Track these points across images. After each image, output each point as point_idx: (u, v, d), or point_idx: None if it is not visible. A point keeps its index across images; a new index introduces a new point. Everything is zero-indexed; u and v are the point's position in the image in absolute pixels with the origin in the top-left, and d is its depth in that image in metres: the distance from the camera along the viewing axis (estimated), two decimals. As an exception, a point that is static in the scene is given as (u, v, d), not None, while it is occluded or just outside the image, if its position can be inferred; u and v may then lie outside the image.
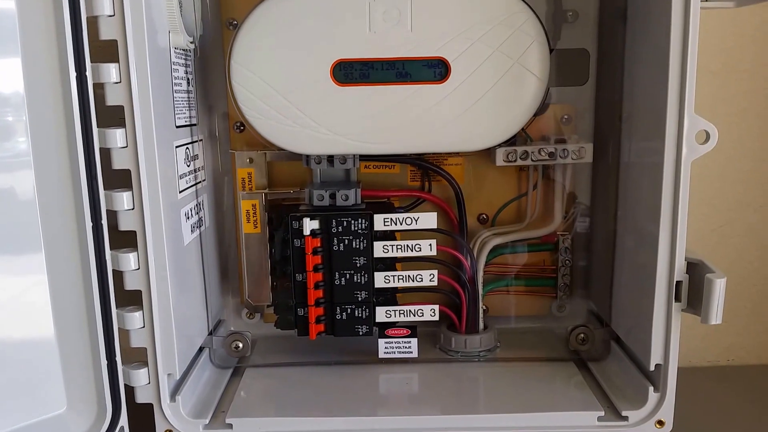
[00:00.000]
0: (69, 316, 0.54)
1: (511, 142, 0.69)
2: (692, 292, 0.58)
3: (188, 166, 0.64)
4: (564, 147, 0.71)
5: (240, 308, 0.78)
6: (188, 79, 0.65)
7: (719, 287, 0.55)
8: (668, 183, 0.56)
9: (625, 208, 0.66)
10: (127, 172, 0.55)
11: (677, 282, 0.58)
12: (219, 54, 0.71)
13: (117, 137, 0.54)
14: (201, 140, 0.70)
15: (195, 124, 0.66)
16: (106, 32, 0.53)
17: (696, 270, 0.57)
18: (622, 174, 0.67)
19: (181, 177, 0.62)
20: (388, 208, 0.72)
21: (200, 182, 0.68)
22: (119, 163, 0.55)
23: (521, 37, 0.63)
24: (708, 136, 0.55)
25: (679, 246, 0.57)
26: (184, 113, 0.63)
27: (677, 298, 0.58)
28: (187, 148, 0.64)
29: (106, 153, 0.54)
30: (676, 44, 0.54)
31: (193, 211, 0.65)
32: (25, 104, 0.49)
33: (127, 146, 0.54)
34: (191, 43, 0.64)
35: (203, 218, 0.68)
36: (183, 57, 0.63)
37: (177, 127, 0.61)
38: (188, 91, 0.65)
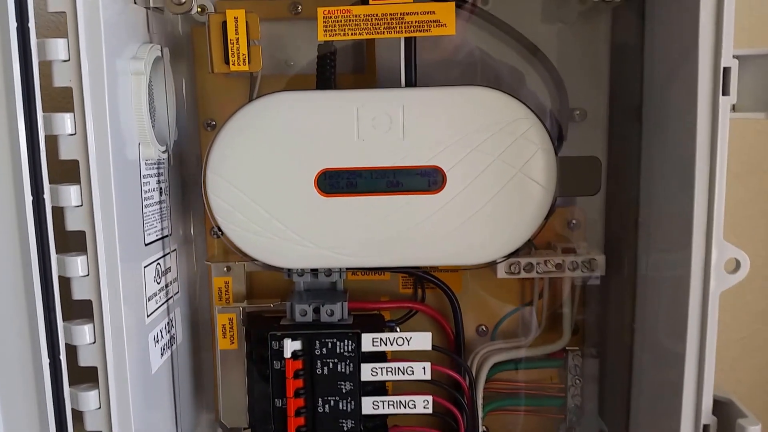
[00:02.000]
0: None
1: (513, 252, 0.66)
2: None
3: (159, 282, 0.62)
4: (573, 259, 0.68)
5: (215, 425, 0.75)
6: (161, 188, 0.63)
7: (754, 437, 0.52)
8: (694, 314, 0.54)
9: (643, 324, 0.64)
10: (88, 303, 0.52)
11: (704, 425, 0.55)
12: (195, 156, 0.70)
13: (78, 266, 0.51)
14: (175, 250, 0.67)
15: (167, 235, 0.64)
16: (67, 152, 0.51)
17: (725, 411, 0.54)
18: (639, 286, 0.66)
19: (150, 298, 0.60)
20: (377, 321, 0.70)
21: (173, 296, 0.66)
22: (80, 292, 0.52)
23: (524, 144, 0.61)
24: (738, 265, 0.53)
25: (707, 387, 0.54)
26: (155, 227, 0.62)
27: (705, 446, 0.55)
28: (158, 264, 0.62)
29: (65, 282, 0.52)
30: (703, 163, 0.52)
31: (163, 331, 0.63)
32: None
33: (88, 275, 0.52)
34: (164, 152, 0.62)
35: (175, 336, 0.66)
36: (155, 167, 0.62)
37: (146, 244, 0.59)
38: (161, 202, 0.63)
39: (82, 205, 0.51)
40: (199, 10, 0.66)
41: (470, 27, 0.69)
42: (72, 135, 0.50)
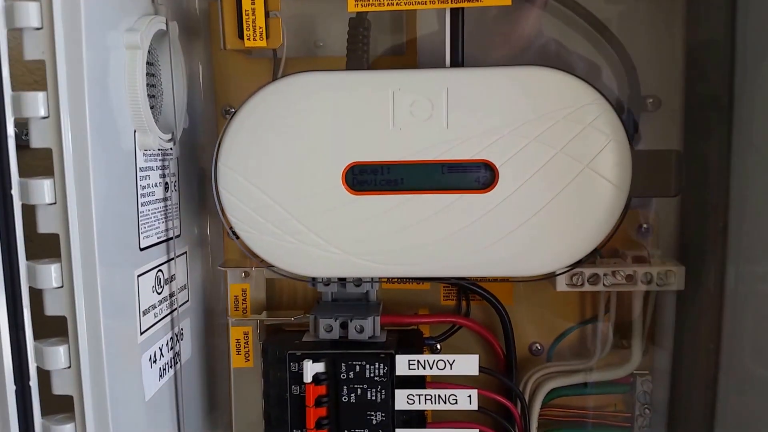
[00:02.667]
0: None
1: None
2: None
3: (159, 293, 0.54)
4: (646, 270, 0.59)
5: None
6: (166, 183, 0.55)
7: None
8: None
9: (731, 346, 0.56)
10: (62, 319, 0.44)
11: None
12: (212, 147, 0.61)
13: (51, 275, 0.43)
14: (184, 253, 0.59)
15: (172, 238, 0.56)
16: (39, 138, 0.42)
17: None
18: (727, 302, 0.57)
19: (146, 312, 0.51)
20: (415, 338, 0.61)
21: (179, 306, 0.57)
22: (53, 307, 0.44)
23: (593, 135, 0.52)
24: None
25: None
26: (157, 228, 0.53)
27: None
28: (159, 271, 0.54)
29: (37, 295, 0.44)
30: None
31: (164, 349, 0.55)
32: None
33: (62, 286, 0.43)
34: (168, 140, 0.53)
35: (180, 352, 0.57)
36: (158, 159, 0.53)
37: (143, 249, 0.51)
38: (165, 199, 0.55)
39: (56, 203, 0.42)
40: (217, -21, 0.58)
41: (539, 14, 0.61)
42: (45, 118, 0.42)
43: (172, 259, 0.57)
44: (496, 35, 0.61)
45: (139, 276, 0.51)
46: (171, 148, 0.56)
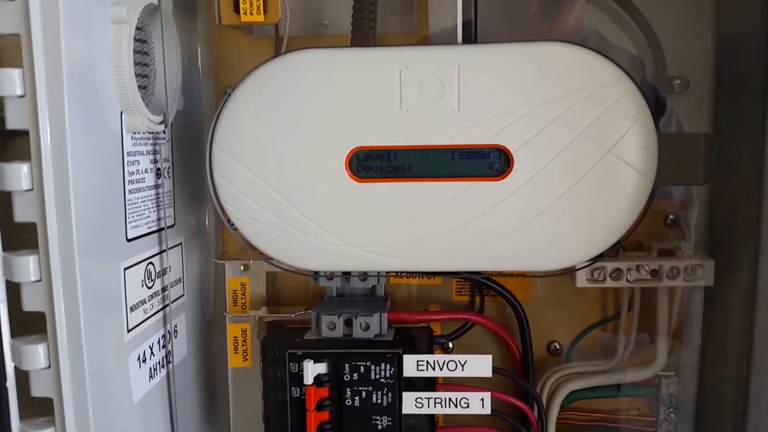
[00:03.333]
0: None
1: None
2: None
3: (149, 287, 0.51)
4: (672, 264, 0.55)
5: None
6: (158, 169, 0.52)
7: None
8: None
9: (765, 346, 0.53)
10: (41, 315, 0.41)
11: None
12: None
13: (29, 267, 0.40)
14: (179, 244, 0.56)
15: (164, 228, 0.53)
16: (14, 119, 0.39)
17: None
18: (760, 299, 0.54)
19: (133, 308, 0.48)
20: (425, 337, 0.58)
21: (173, 302, 0.54)
22: (31, 302, 0.41)
23: (617, 116, 0.48)
24: None
25: None
26: (147, 217, 0.50)
27: None
28: (150, 263, 0.51)
29: (15, 289, 0.41)
30: None
31: (155, 348, 0.52)
32: None
33: (41, 279, 0.40)
34: (160, 123, 0.50)
35: (172, 351, 0.54)
36: (148, 143, 0.50)
37: (130, 240, 0.47)
38: (157, 186, 0.52)
39: (32, 190, 0.39)
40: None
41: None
42: (21, 97, 0.39)
43: (165, 250, 0.54)
44: (534, 31, 0.59)
45: (126, 269, 0.48)
46: (163, 131, 0.53)
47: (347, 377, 0.53)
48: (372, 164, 0.50)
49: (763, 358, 0.54)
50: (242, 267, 0.60)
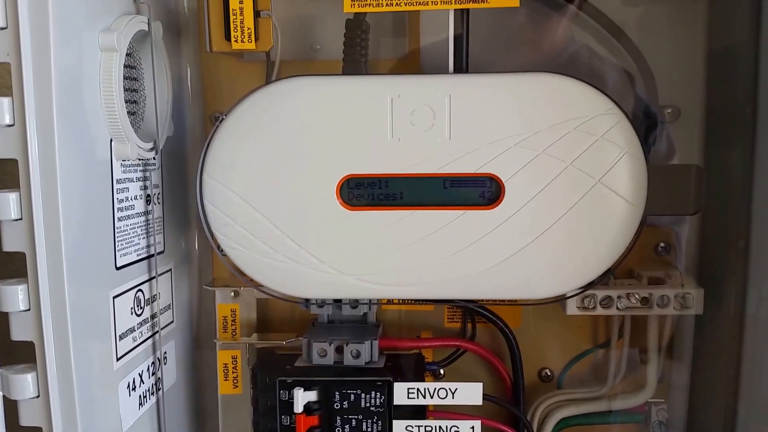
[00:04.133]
0: None
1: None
2: None
3: (139, 315, 0.50)
4: (663, 293, 0.56)
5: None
6: (147, 196, 0.52)
7: None
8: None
9: (751, 375, 0.53)
10: (30, 344, 0.41)
11: None
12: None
13: (18, 297, 0.41)
14: (169, 270, 0.56)
15: (154, 254, 0.53)
16: (4, 148, 0.40)
17: None
18: (748, 328, 0.54)
19: (122, 336, 0.48)
20: (416, 364, 0.58)
21: (162, 329, 0.54)
22: (19, 331, 0.42)
23: (606, 147, 0.49)
24: None
25: None
26: (136, 244, 0.50)
27: None
28: (139, 291, 0.51)
29: (3, 318, 0.42)
30: None
31: (144, 375, 0.51)
32: None
33: (29, 309, 0.40)
34: (150, 150, 0.50)
35: (163, 378, 0.54)
36: (138, 170, 0.50)
37: (119, 267, 0.47)
38: (146, 213, 0.52)
39: (21, 219, 0.39)
40: (206, -24, 0.55)
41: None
42: (10, 126, 0.39)
43: (154, 277, 0.54)
44: (522, 43, 0.59)
45: (114, 297, 0.48)
46: (153, 158, 0.53)
47: (337, 405, 0.53)
48: (363, 192, 0.50)
49: (750, 386, 0.54)
50: (232, 293, 0.60)
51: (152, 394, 0.54)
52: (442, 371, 0.61)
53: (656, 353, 0.60)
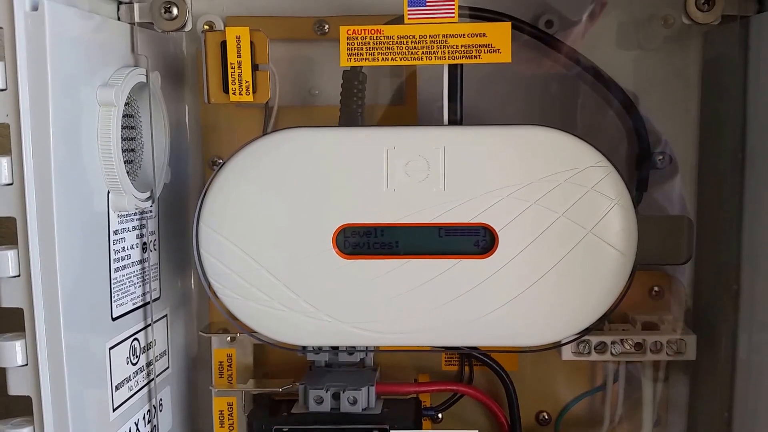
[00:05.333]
0: None
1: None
2: None
3: (134, 363, 0.51)
4: (656, 339, 0.57)
5: None
6: (143, 244, 0.52)
7: None
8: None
9: (743, 419, 0.54)
10: (27, 399, 0.42)
11: None
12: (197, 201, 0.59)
13: (16, 352, 0.41)
14: (165, 316, 0.56)
15: (150, 302, 0.53)
16: (1, 207, 0.40)
17: None
18: (739, 372, 0.55)
19: (118, 387, 0.49)
20: (413, 409, 0.58)
21: (158, 375, 0.54)
22: (17, 387, 0.42)
23: (597, 199, 0.49)
24: None
25: None
26: (132, 293, 0.51)
27: None
28: (135, 340, 0.51)
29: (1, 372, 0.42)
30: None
31: (140, 424, 0.52)
32: None
33: (27, 364, 0.41)
34: (146, 199, 0.51)
35: (158, 425, 0.55)
36: (135, 219, 0.51)
37: (115, 318, 0.48)
38: (143, 261, 0.52)
39: (19, 276, 0.40)
40: (207, 27, 0.56)
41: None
42: (8, 185, 0.39)
43: (150, 324, 0.54)
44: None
45: (111, 348, 0.48)
46: (150, 206, 0.54)
47: (334, 455, 0.53)
48: (359, 241, 0.51)
49: (743, 430, 0.54)
50: (229, 338, 0.60)
51: (147, 442, 0.54)
52: (440, 416, 0.61)
53: (651, 397, 0.60)
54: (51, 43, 0.40)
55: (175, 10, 0.52)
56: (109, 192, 0.48)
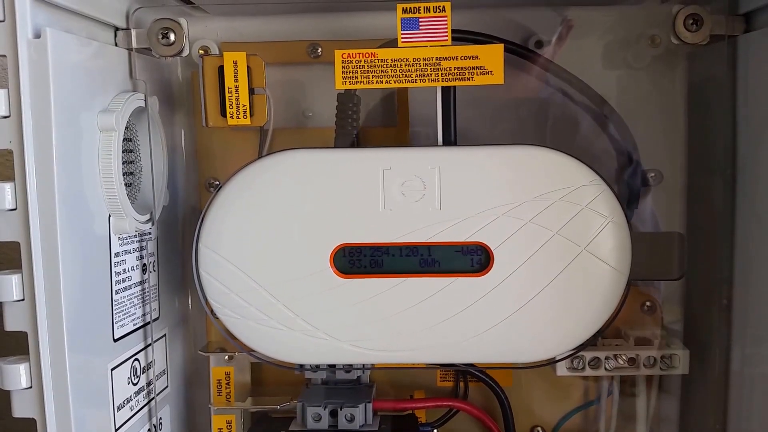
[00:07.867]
0: None
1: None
2: None
3: (135, 383, 0.51)
4: (649, 354, 0.57)
5: None
6: (143, 265, 0.53)
7: None
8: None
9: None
10: (32, 421, 0.42)
11: None
12: (194, 221, 0.59)
13: (21, 375, 0.41)
14: (164, 335, 0.57)
15: (149, 322, 0.54)
16: (6, 232, 0.41)
17: None
18: (732, 386, 0.55)
19: (119, 407, 0.49)
20: (409, 425, 0.58)
21: (157, 395, 0.55)
22: (21, 409, 0.43)
23: (591, 217, 0.50)
24: None
25: None
26: (133, 314, 0.51)
27: None
28: (135, 360, 0.51)
29: (4, 395, 0.42)
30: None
31: (140, 444, 0.52)
32: None
33: (31, 387, 0.41)
34: (146, 221, 0.51)
35: (159, 444, 0.55)
36: (135, 241, 0.51)
37: (117, 339, 0.48)
38: (143, 282, 0.53)
39: (23, 300, 0.40)
40: (202, 52, 0.57)
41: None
42: (12, 210, 0.40)
43: (150, 344, 0.54)
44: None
45: (112, 369, 0.49)
46: (149, 228, 0.54)
47: (332, 472, 0.53)
48: (356, 261, 0.52)
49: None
50: (227, 357, 0.61)
51: (148, 461, 0.54)
52: (435, 431, 0.62)
53: (645, 411, 0.61)
54: (53, 70, 0.41)
55: (172, 36, 0.53)
56: (110, 215, 0.48)
